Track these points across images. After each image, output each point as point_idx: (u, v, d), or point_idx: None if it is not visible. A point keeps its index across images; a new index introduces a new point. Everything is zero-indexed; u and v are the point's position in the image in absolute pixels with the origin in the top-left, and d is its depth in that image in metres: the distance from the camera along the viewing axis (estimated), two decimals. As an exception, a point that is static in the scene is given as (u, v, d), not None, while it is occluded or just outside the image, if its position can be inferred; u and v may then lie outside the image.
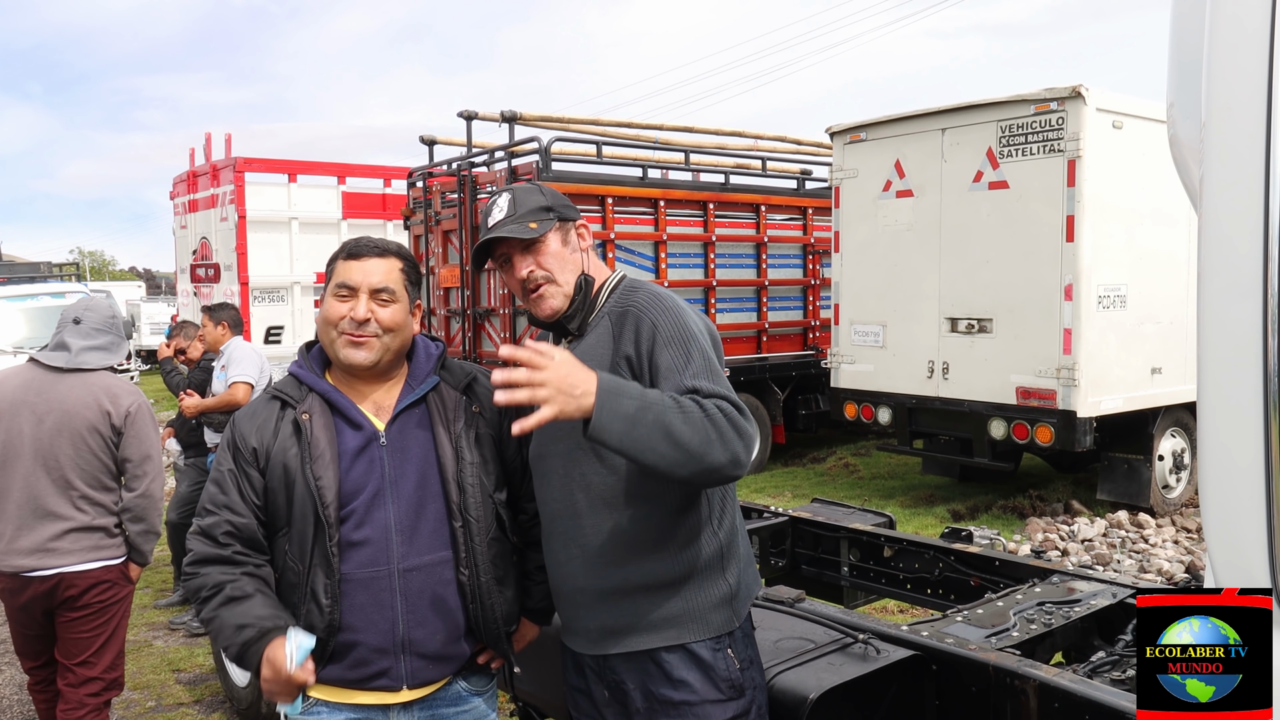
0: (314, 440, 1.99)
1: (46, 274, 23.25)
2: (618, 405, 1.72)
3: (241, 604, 1.95)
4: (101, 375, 3.51)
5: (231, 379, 5.53)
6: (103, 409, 3.41)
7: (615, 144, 10.44)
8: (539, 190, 2.10)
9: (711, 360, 1.94)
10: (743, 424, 1.82)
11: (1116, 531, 7.43)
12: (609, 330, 2.00)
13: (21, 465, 3.35)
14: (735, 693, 1.98)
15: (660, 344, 1.91)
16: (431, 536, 2.03)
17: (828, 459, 10.81)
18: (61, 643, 3.48)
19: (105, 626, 3.47)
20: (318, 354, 2.15)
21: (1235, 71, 1.27)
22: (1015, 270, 7.44)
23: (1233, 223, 1.27)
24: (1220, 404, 1.32)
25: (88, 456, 3.40)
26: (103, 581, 3.43)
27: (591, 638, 2.04)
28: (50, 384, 3.42)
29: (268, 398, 2.10)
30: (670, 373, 1.88)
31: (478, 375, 2.20)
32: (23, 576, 3.34)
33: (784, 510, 3.91)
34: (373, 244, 2.10)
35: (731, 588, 2.02)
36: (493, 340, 9.64)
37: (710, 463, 1.78)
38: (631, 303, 1.99)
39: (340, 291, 2.04)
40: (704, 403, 1.81)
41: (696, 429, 1.76)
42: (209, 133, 13.93)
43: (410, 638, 2.00)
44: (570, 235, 2.09)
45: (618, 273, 2.15)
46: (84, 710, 3.46)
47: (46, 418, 3.36)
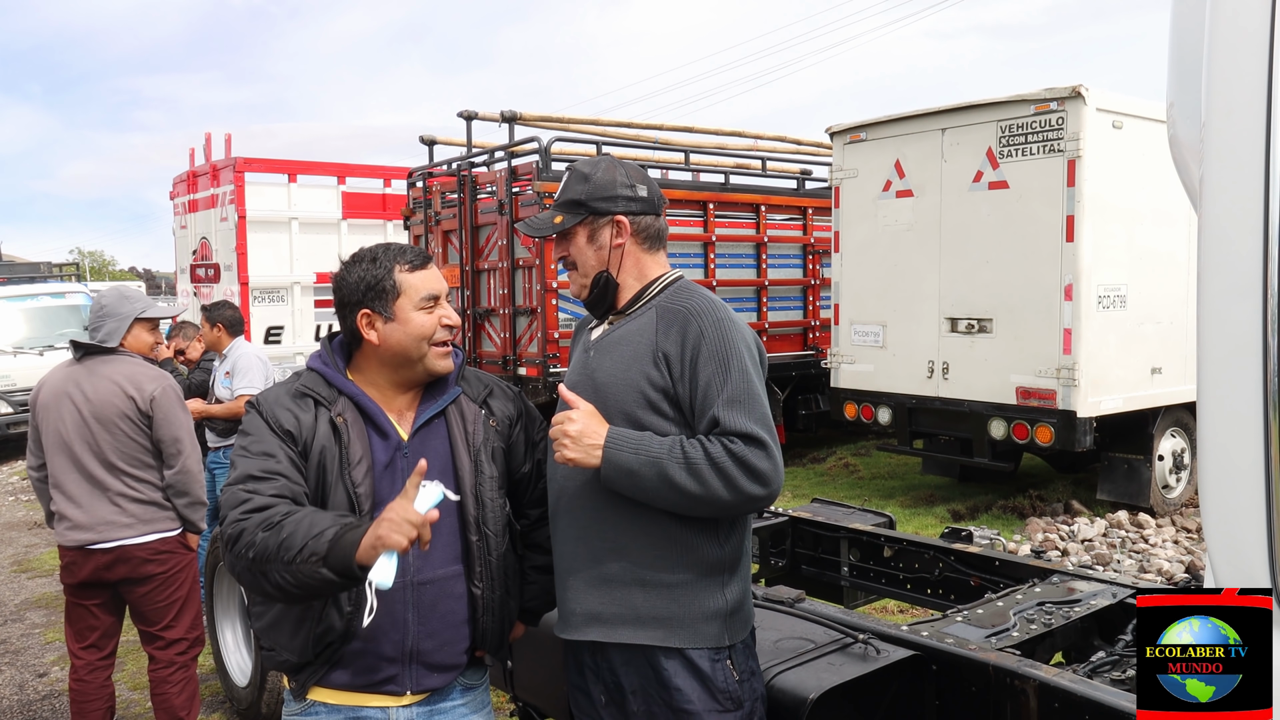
0: (351, 445, 1.97)
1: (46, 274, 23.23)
2: (620, 459, 1.89)
3: (306, 519, 1.79)
4: (128, 364, 3.72)
5: (239, 390, 5.52)
6: (128, 395, 3.63)
7: (615, 144, 10.44)
8: (585, 178, 2.11)
9: (751, 380, 1.95)
10: (756, 463, 1.86)
11: (1116, 531, 7.43)
12: (653, 322, 2.02)
13: (71, 451, 3.63)
14: (733, 705, 1.98)
15: (704, 356, 1.94)
16: (445, 550, 2.02)
17: (828, 459, 10.81)
18: (141, 615, 3.78)
19: (178, 591, 3.77)
20: (338, 348, 2.11)
21: (1235, 72, 1.27)
22: (1015, 270, 7.44)
23: (1233, 223, 1.27)
24: (1220, 404, 1.32)
25: (124, 440, 3.64)
26: (162, 552, 3.70)
27: (576, 622, 2.04)
28: (85, 375, 3.68)
29: (296, 393, 2.02)
30: (708, 390, 1.93)
31: (494, 387, 2.20)
32: (86, 550, 3.61)
33: (784, 510, 3.92)
34: (420, 252, 2.11)
35: (727, 604, 2.00)
36: (493, 340, 9.64)
37: (720, 505, 1.89)
38: (684, 304, 2.02)
39: (428, 304, 2.04)
40: (712, 449, 1.87)
41: (699, 478, 1.86)
42: (209, 133, 13.92)
43: (419, 649, 2.00)
44: (601, 232, 2.09)
45: (675, 272, 2.16)
46: (173, 668, 3.79)
47: (83, 407, 3.62)
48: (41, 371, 4.12)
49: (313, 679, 2.00)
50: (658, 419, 1.96)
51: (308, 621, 1.96)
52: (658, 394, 1.96)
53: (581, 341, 2.19)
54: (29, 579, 7.13)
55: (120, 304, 3.80)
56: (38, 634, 5.90)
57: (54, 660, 5.45)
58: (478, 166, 9.71)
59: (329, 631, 1.94)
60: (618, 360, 2.02)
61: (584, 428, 1.90)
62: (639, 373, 1.98)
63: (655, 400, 1.96)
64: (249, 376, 5.54)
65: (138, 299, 3.88)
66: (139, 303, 3.86)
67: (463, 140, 10.19)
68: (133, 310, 3.80)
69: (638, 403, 1.97)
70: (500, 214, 9.16)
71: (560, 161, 9.05)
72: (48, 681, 5.17)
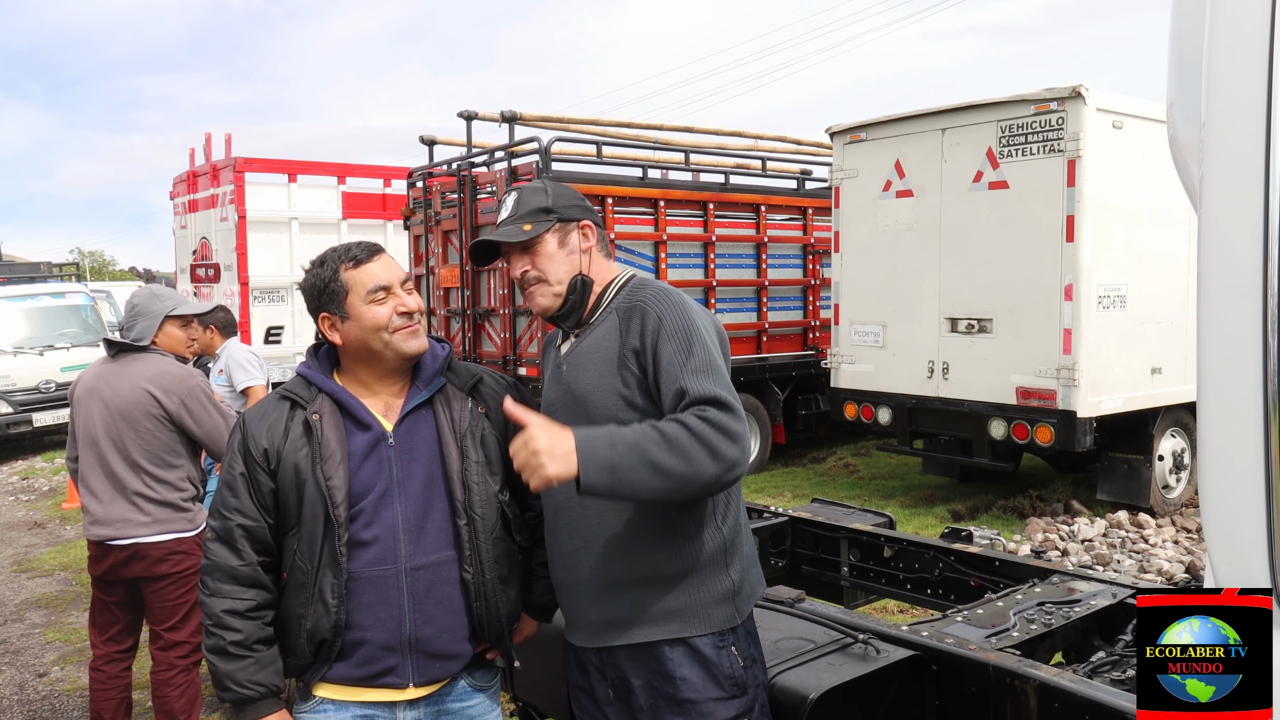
0: (324, 440, 2.01)
1: (46, 274, 23.20)
2: (596, 456, 1.75)
3: (241, 661, 1.99)
4: (158, 362, 3.79)
5: (241, 385, 5.53)
6: (152, 394, 3.70)
7: (615, 144, 10.44)
8: (544, 190, 2.12)
9: (713, 355, 1.95)
10: (730, 425, 1.83)
11: (1116, 531, 7.43)
12: (615, 325, 2.03)
13: (99, 448, 3.71)
14: (738, 690, 1.99)
15: (664, 337, 1.93)
16: (438, 536, 2.05)
17: (828, 459, 10.81)
18: (151, 611, 3.84)
19: (188, 595, 3.79)
20: (325, 355, 2.16)
21: (1235, 72, 1.27)
22: (1015, 270, 7.44)
23: (1233, 223, 1.27)
24: (1220, 404, 1.32)
25: (149, 438, 3.71)
26: (176, 553, 3.74)
27: (593, 630, 2.05)
28: (116, 373, 3.75)
29: (277, 398, 2.11)
30: (670, 366, 1.91)
31: (483, 377, 2.22)
32: (105, 544, 3.71)
33: (784, 510, 3.91)
34: (366, 245, 2.14)
35: (734, 584, 2.03)
36: (493, 341, 9.64)
37: (707, 478, 1.81)
38: (639, 298, 2.03)
39: (378, 295, 2.06)
40: (687, 419, 1.82)
41: (682, 453, 1.78)
42: (209, 133, 13.92)
43: (417, 636, 2.02)
44: (570, 236, 2.10)
45: (628, 272, 2.17)
46: (174, 671, 3.82)
47: (111, 403, 3.70)
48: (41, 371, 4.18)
49: (315, 676, 2.03)
50: (640, 418, 1.97)
51: (296, 623, 2.01)
52: (634, 392, 1.97)
53: (551, 358, 2.21)
54: (29, 579, 7.13)
55: (151, 302, 3.87)
56: (38, 634, 5.90)
57: (54, 660, 5.45)
58: (478, 166, 9.71)
59: (317, 629, 1.98)
60: (591, 370, 2.03)
61: (550, 439, 1.76)
62: (614, 377, 1.99)
63: (634, 399, 1.97)
64: (248, 371, 5.56)
65: (169, 297, 3.96)
66: (170, 300, 3.94)
67: (463, 140, 10.19)
68: (164, 308, 3.88)
69: (618, 407, 1.98)
70: (500, 214, 9.15)
71: (560, 161, 9.05)
72: (48, 681, 5.17)
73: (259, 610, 2.02)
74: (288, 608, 2.03)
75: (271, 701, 2.00)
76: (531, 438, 1.76)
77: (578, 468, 1.75)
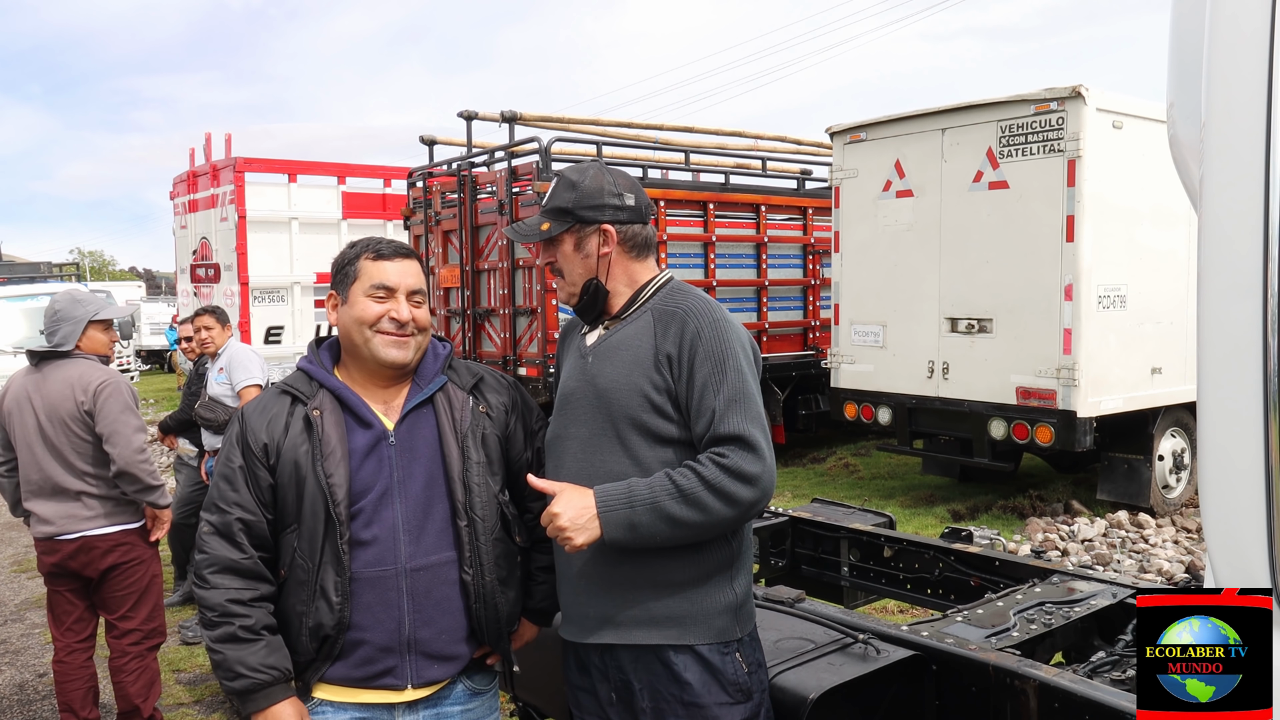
0: (325, 437, 2.00)
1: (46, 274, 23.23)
2: (616, 518, 1.89)
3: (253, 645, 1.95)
4: (82, 365, 3.87)
5: (240, 384, 5.52)
6: (76, 399, 3.79)
7: (615, 144, 10.45)
8: (573, 185, 2.09)
9: (745, 381, 1.98)
10: (747, 469, 1.89)
11: (1116, 531, 7.43)
12: (650, 326, 2.03)
13: (36, 452, 3.82)
14: (743, 696, 1.99)
15: (701, 356, 1.96)
16: (438, 537, 2.04)
17: (828, 459, 10.81)
18: (103, 601, 3.97)
19: (137, 584, 3.95)
20: (327, 350, 2.15)
21: (1235, 72, 1.27)
22: (1015, 270, 7.44)
23: (1233, 223, 1.27)
24: (1220, 404, 1.32)
25: (78, 440, 3.82)
26: (123, 544, 3.89)
27: (588, 625, 2.04)
28: (43, 380, 3.84)
29: (277, 392, 2.09)
30: (704, 391, 1.94)
31: (484, 376, 2.21)
32: (54, 540, 3.83)
33: (784, 510, 3.91)
34: (397, 245, 2.12)
35: (738, 597, 2.03)
36: (493, 341, 9.64)
37: (724, 523, 1.91)
38: (681, 305, 2.03)
39: (378, 292, 2.04)
40: (703, 468, 1.89)
41: (698, 505, 1.87)
42: (209, 133, 13.94)
43: (416, 637, 2.01)
44: (588, 241, 2.08)
45: (666, 273, 2.17)
46: (128, 658, 3.96)
47: (41, 411, 3.80)
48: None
49: (314, 676, 2.02)
50: (661, 421, 1.97)
51: (298, 620, 1.99)
52: (661, 396, 1.97)
53: (574, 346, 2.18)
54: (29, 579, 7.12)
55: (73, 308, 3.92)
56: (37, 634, 5.89)
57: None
58: (478, 166, 9.72)
59: (320, 626, 1.96)
60: (619, 366, 2.02)
61: (574, 511, 1.89)
62: (642, 377, 1.98)
63: (659, 403, 1.97)
64: (247, 370, 5.55)
65: (90, 301, 4.01)
66: (92, 305, 3.99)
67: (463, 140, 10.20)
68: (86, 313, 3.93)
69: (642, 407, 1.98)
70: (500, 214, 9.16)
71: (560, 161, 9.05)
72: (48, 681, 5.17)
73: (263, 600, 2.00)
74: (287, 605, 2.01)
75: (284, 687, 1.97)
76: (556, 515, 1.89)
77: (600, 530, 1.89)
